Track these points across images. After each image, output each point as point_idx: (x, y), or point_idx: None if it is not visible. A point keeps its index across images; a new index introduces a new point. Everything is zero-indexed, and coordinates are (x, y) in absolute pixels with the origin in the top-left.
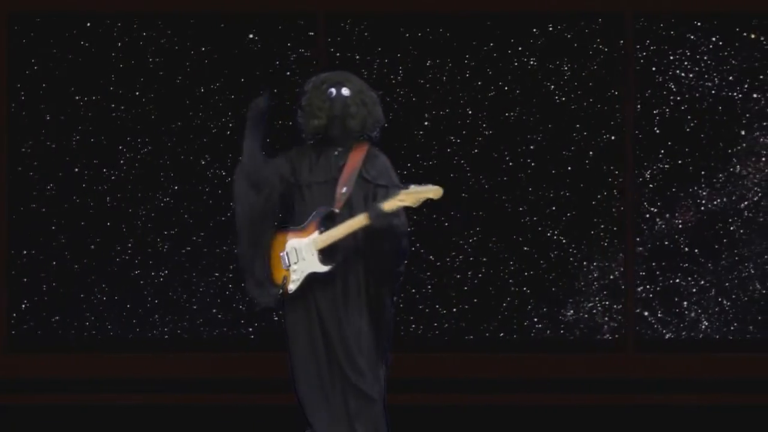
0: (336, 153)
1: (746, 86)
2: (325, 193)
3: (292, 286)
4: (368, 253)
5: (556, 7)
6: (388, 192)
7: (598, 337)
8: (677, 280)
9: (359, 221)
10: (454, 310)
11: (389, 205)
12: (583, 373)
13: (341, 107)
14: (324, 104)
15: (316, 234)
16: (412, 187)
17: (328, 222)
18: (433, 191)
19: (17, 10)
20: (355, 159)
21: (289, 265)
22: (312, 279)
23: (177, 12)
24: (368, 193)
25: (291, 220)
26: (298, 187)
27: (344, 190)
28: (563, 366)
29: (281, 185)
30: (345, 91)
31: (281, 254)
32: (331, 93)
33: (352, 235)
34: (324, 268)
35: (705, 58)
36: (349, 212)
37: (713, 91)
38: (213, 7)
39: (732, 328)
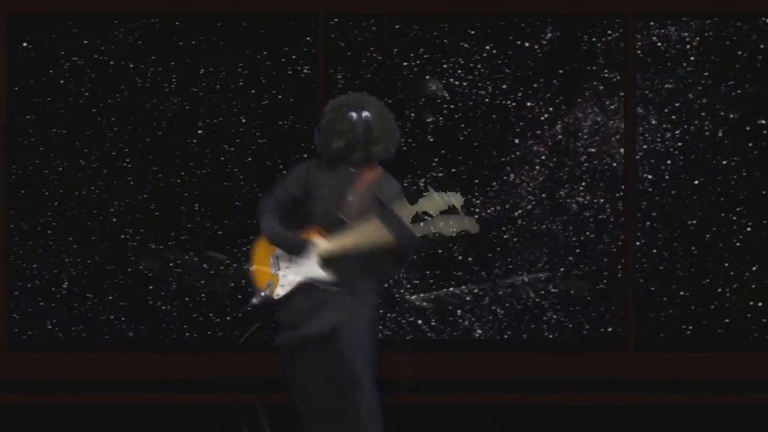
0: (352, 171)
1: (520, 94)
2: (333, 208)
3: (279, 291)
4: (371, 261)
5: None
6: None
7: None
8: (451, 288)
9: (369, 230)
10: (227, 318)
11: (410, 210)
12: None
13: (363, 131)
14: (344, 127)
15: (317, 238)
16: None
17: (332, 229)
18: (470, 223)
19: (17, 10)
20: (370, 176)
21: (279, 269)
22: (305, 284)
23: (178, 12)
24: (380, 212)
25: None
26: (308, 199)
27: (351, 198)
28: None
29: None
30: (365, 115)
31: (270, 257)
32: (352, 117)
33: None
34: (323, 274)
35: (478, 66)
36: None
37: (487, 100)
38: (213, 7)
39: (505, 336)
